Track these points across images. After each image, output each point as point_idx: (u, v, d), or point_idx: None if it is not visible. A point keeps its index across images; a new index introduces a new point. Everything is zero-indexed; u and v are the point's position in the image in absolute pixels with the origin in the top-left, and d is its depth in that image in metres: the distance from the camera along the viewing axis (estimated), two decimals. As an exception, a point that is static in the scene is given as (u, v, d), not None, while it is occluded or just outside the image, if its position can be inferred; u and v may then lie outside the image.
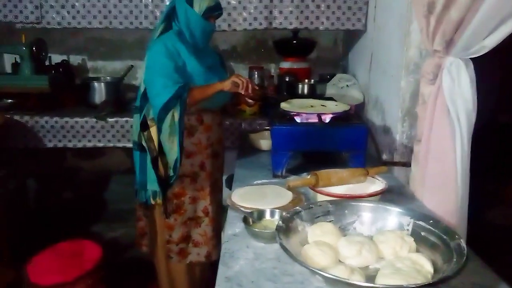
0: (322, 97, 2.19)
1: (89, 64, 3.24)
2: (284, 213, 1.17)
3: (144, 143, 1.79)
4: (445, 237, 1.02)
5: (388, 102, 2.09)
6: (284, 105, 1.74)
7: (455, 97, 1.33)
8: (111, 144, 2.64)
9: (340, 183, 1.35)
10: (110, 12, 2.49)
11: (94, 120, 2.59)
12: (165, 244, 1.92)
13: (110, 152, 3.28)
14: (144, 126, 1.78)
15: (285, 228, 1.06)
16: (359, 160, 1.65)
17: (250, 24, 2.48)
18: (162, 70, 1.70)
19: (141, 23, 2.50)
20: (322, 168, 1.75)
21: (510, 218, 2.69)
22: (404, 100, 1.88)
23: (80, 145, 2.63)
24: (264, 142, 2.06)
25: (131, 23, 2.51)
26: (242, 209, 1.33)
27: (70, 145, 2.62)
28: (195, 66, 1.76)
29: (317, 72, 3.08)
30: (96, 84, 2.82)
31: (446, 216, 1.36)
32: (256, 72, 3.00)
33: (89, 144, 2.63)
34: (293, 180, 1.31)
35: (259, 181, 1.65)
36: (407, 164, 1.90)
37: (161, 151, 1.76)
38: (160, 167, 1.78)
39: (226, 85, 1.70)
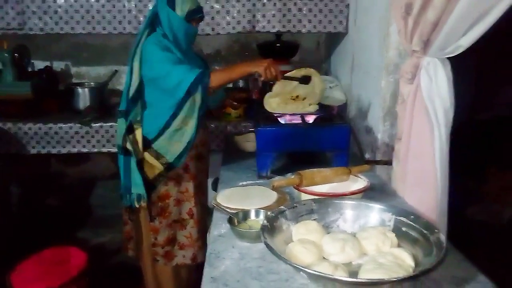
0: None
1: (73, 69, 3.21)
2: (269, 213, 1.18)
3: (129, 146, 1.80)
4: (425, 231, 1.05)
5: (370, 102, 2.13)
6: (267, 100, 1.76)
7: (433, 96, 1.37)
8: (95, 150, 2.63)
9: (324, 182, 1.38)
10: (93, 17, 2.48)
11: (78, 125, 2.58)
12: (151, 247, 1.92)
13: (95, 158, 3.25)
14: (130, 129, 1.79)
15: (270, 228, 1.08)
16: (342, 160, 1.67)
17: (233, 27, 2.50)
18: (172, 60, 1.71)
19: (124, 28, 2.50)
20: (306, 168, 1.77)
21: (489, 215, 2.75)
22: (385, 99, 1.92)
23: (64, 151, 2.61)
24: (249, 144, 2.07)
25: (115, 28, 2.51)
26: (227, 210, 1.34)
27: (54, 151, 2.61)
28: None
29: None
30: (80, 89, 2.80)
31: (427, 212, 1.39)
32: (240, 75, 3.01)
33: (74, 150, 2.62)
34: (278, 180, 1.32)
35: (245, 183, 1.66)
36: (388, 163, 1.93)
37: (146, 146, 1.77)
38: (147, 169, 1.79)
39: (260, 69, 1.70)
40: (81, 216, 3.30)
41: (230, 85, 3.01)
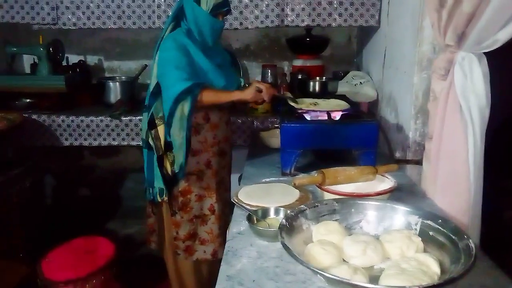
0: (333, 94, 2.16)
1: (105, 64, 3.28)
2: (288, 212, 1.15)
3: (151, 142, 1.81)
4: (453, 237, 0.99)
5: (401, 99, 2.05)
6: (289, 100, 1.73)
7: (468, 93, 1.29)
8: (125, 143, 2.68)
9: (348, 181, 1.33)
10: (124, 12, 2.52)
11: (109, 119, 2.63)
12: (172, 241, 1.93)
13: (125, 150, 3.33)
14: (152, 125, 1.80)
15: (288, 227, 1.05)
16: (369, 158, 1.61)
17: (262, 22, 2.46)
18: (176, 63, 1.71)
19: (154, 22, 2.52)
20: (332, 166, 1.73)
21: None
22: (417, 97, 1.84)
23: (95, 143, 2.67)
24: (275, 140, 2.04)
25: (145, 23, 2.53)
26: (247, 207, 1.32)
27: (85, 143, 2.67)
28: (203, 63, 1.76)
29: (331, 70, 3.05)
30: (111, 83, 2.86)
31: (458, 215, 1.32)
32: (269, 70, 2.98)
33: (104, 143, 2.67)
34: (300, 178, 1.29)
35: (267, 179, 1.64)
36: (420, 162, 1.85)
37: (168, 148, 1.77)
38: (166, 165, 1.80)
39: (248, 95, 1.74)
40: (111, 207, 3.38)
41: (259, 79, 3.02)
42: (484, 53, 1.29)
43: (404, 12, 2.03)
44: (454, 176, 1.33)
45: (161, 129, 1.79)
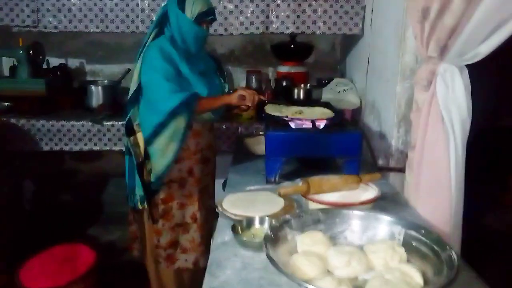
0: (318, 102, 2.17)
1: (87, 67, 3.23)
2: (273, 221, 1.15)
3: (130, 148, 1.79)
4: (436, 247, 1.00)
5: (384, 107, 2.08)
6: (269, 108, 1.74)
7: (449, 104, 1.31)
8: (107, 148, 2.64)
9: (332, 190, 1.34)
10: (106, 16, 2.49)
11: (91, 123, 2.59)
12: (154, 249, 1.90)
13: (108, 155, 3.27)
14: (130, 131, 1.78)
15: (274, 238, 1.05)
16: (353, 166, 1.63)
17: (246, 28, 2.47)
18: (165, 74, 1.69)
19: (137, 27, 2.50)
20: (316, 173, 1.74)
21: (507, 223, 2.66)
22: (400, 105, 1.87)
23: (76, 148, 2.63)
24: (260, 147, 2.04)
25: (128, 27, 2.51)
26: (231, 216, 1.31)
27: (66, 148, 2.62)
28: (186, 72, 1.75)
29: (315, 76, 3.07)
30: (93, 87, 2.82)
31: (440, 224, 1.34)
32: (253, 76, 2.99)
33: (86, 148, 2.63)
34: (285, 187, 1.29)
35: (252, 187, 1.63)
36: (402, 170, 1.88)
37: (147, 156, 1.75)
38: (146, 173, 1.78)
39: (233, 99, 1.75)
40: (93, 213, 3.32)
41: (243, 86, 3.01)
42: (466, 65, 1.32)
43: (387, 22, 2.06)
44: (436, 185, 1.35)
45: (140, 136, 1.77)
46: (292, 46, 2.87)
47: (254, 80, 2.99)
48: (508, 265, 2.09)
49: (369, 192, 1.39)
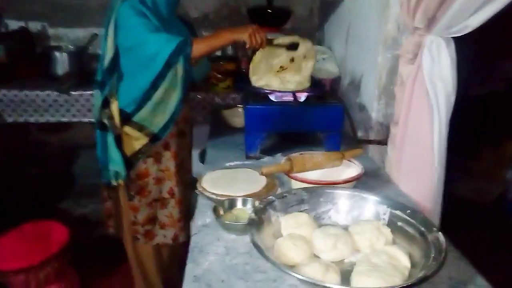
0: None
1: (50, 31, 3.01)
2: (256, 203, 1.11)
3: (105, 121, 1.69)
4: (423, 229, 0.99)
5: (365, 78, 2.03)
6: (254, 78, 1.66)
7: (435, 78, 1.28)
8: (76, 119, 2.51)
9: (315, 168, 1.30)
10: (67, -25, 2.28)
11: (56, 93, 2.44)
12: (131, 226, 1.85)
13: (77, 126, 3.10)
14: (106, 103, 1.67)
15: (258, 221, 1.01)
16: (335, 141, 1.60)
17: (220, -10, 2.33)
18: (147, 28, 1.56)
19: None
20: (297, 148, 1.71)
21: (479, 193, 2.74)
22: (381, 77, 1.82)
23: (42, 120, 2.49)
24: (238, 120, 1.98)
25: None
26: (212, 196, 1.26)
27: (31, 119, 2.48)
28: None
29: (293, 43, 2.98)
30: (57, 54, 2.63)
31: (422, 200, 1.34)
32: (229, 42, 2.86)
33: (52, 119, 2.50)
34: (267, 166, 1.24)
35: (232, 163, 1.58)
36: (382, 142, 1.86)
37: (127, 121, 1.66)
38: (126, 144, 1.69)
39: (245, 36, 1.58)
40: (63, 186, 3.21)
41: (219, 53, 2.89)
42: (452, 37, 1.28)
43: (369, -12, 1.97)
44: (418, 161, 1.34)
45: (114, 106, 1.67)
46: (269, 10, 2.75)
47: (229, 47, 2.87)
48: (480, 233, 2.17)
49: (352, 168, 1.37)
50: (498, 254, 2.33)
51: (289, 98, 1.60)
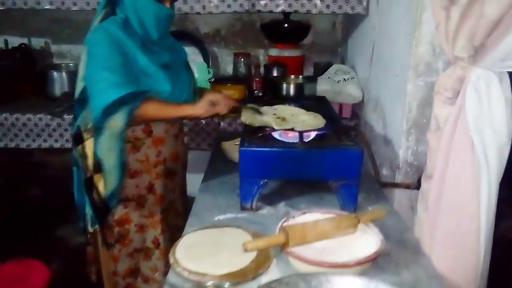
0: (311, 98, 1.80)
1: (53, 47, 2.85)
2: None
3: (78, 159, 1.45)
4: None
5: (391, 107, 1.71)
6: (245, 117, 1.38)
7: (483, 125, 0.95)
8: (69, 145, 2.28)
9: (320, 239, 1.00)
10: (61, -10, 2.09)
11: (49, 117, 2.24)
12: (111, 276, 1.59)
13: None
14: (78, 139, 1.43)
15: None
16: (350, 192, 1.28)
17: (228, 6, 2.06)
18: (106, 63, 1.33)
19: (98, 2, 2.09)
20: (305, 196, 1.41)
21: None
22: (411, 108, 1.50)
23: (34, 145, 2.30)
24: (238, 154, 1.69)
25: (88, 3, 2.12)
26: (184, 273, 0.98)
27: (23, 145, 2.30)
28: (144, 64, 1.38)
29: (312, 60, 2.69)
30: (55, 73, 2.45)
31: (462, 283, 1.01)
32: (242, 60, 2.60)
33: (45, 145, 2.31)
34: (253, 242, 0.95)
35: (222, 217, 1.30)
36: (411, 187, 1.55)
37: (98, 169, 1.42)
38: (97, 189, 1.44)
39: (199, 109, 1.39)
40: (62, 210, 3.01)
41: (229, 71, 2.64)
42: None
43: (398, 1, 1.66)
44: (459, 232, 1.01)
45: (89, 144, 1.43)
46: (286, 25, 2.47)
47: (242, 64, 2.61)
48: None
49: (369, 236, 1.05)
50: None
51: (295, 137, 1.30)
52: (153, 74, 1.39)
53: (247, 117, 1.37)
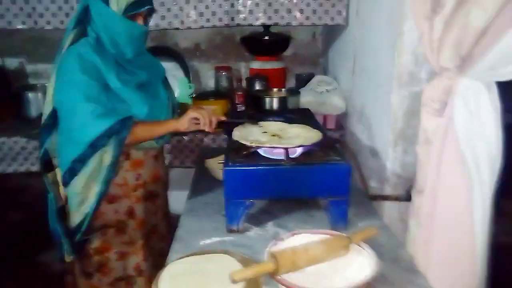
0: (295, 109, 1.77)
1: (29, 67, 2.76)
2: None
3: (48, 187, 1.38)
4: None
5: (376, 118, 1.69)
6: (237, 134, 1.33)
7: (473, 137, 0.92)
8: (47, 169, 2.20)
9: (311, 264, 0.95)
10: (34, 9, 2.02)
11: (25, 139, 2.15)
12: (92, 307, 1.51)
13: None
14: (48, 166, 1.36)
15: None
16: (340, 209, 1.24)
17: (208, 20, 2.03)
18: (86, 92, 1.28)
19: (72, 21, 2.03)
20: (294, 214, 1.37)
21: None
22: (396, 119, 1.48)
23: (9, 170, 2.21)
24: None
25: (62, 22, 2.05)
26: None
27: (-2, 170, 2.19)
28: (116, 85, 1.32)
29: (294, 72, 2.67)
30: (30, 94, 2.37)
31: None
32: (223, 74, 2.57)
33: (21, 169, 2.22)
34: (240, 272, 0.90)
35: (208, 241, 1.24)
36: (400, 198, 1.52)
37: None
38: (73, 216, 1.38)
39: (183, 124, 1.35)
40: (44, 233, 2.91)
41: (211, 85, 2.60)
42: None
43: (377, 11, 1.65)
44: (455, 249, 0.97)
45: (59, 172, 1.36)
46: (266, 38, 2.44)
47: (223, 78, 2.57)
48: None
49: (362, 257, 1.01)
50: None
51: (280, 154, 1.26)
52: (128, 98, 1.34)
53: (240, 134, 1.32)
